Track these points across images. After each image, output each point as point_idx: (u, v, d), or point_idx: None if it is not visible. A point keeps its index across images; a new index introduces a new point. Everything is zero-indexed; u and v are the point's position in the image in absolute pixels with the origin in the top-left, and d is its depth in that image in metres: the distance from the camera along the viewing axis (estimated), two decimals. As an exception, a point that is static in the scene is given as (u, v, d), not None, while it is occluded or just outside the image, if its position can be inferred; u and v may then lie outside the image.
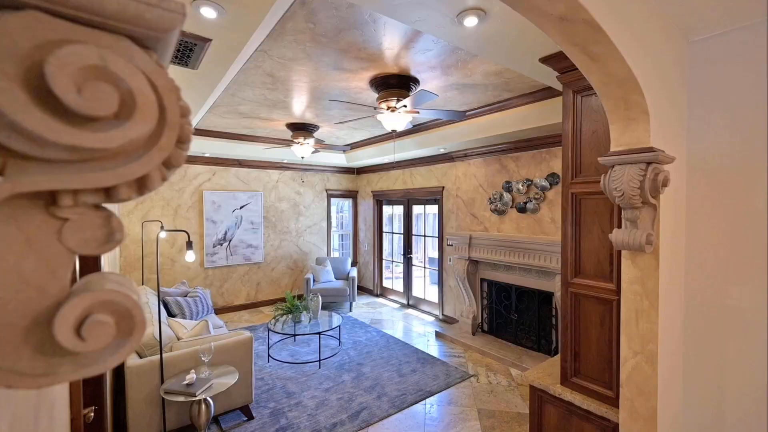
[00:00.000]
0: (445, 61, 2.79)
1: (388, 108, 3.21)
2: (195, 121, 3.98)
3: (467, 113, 4.22)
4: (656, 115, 1.50)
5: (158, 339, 2.60)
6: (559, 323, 4.10)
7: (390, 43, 2.49)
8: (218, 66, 2.16)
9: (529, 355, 4.24)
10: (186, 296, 4.31)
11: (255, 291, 6.51)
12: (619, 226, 1.80)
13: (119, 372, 2.76)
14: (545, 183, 4.24)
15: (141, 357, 2.70)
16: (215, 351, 2.82)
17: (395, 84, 3.09)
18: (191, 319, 4.05)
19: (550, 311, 4.26)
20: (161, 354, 2.55)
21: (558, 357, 2.46)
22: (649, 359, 1.60)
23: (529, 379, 2.16)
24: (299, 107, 4.04)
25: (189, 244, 2.63)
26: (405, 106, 3.09)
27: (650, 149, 1.46)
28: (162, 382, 2.56)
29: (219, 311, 6.10)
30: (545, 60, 2.04)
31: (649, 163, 1.48)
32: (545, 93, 3.45)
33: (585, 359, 1.97)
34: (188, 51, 1.92)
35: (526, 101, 3.63)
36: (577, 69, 1.96)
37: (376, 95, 3.29)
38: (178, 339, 2.99)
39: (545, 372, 2.24)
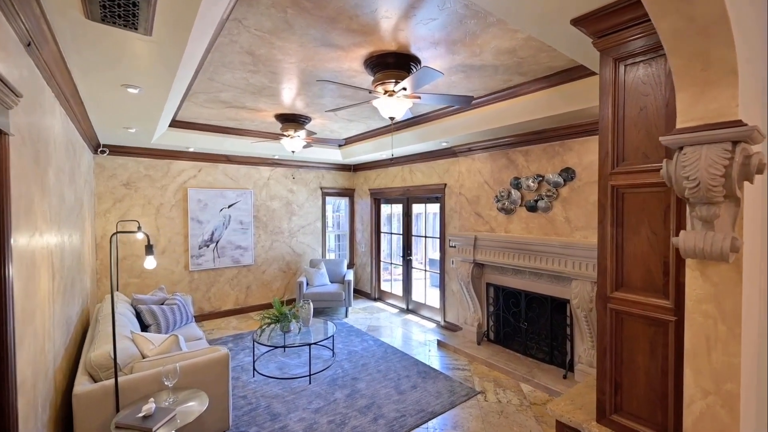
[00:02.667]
0: (450, 34, 2.40)
1: (386, 92, 2.82)
2: (172, 109, 3.58)
3: (474, 101, 3.83)
4: (744, 78, 1.12)
5: (114, 359, 2.20)
6: (574, 332, 3.72)
7: (387, 10, 2.10)
8: (177, 30, 1.77)
9: (540, 368, 3.85)
10: (163, 304, 3.91)
11: (244, 295, 6.11)
12: (679, 227, 1.41)
13: (67, 401, 2.36)
14: (558, 179, 3.86)
15: (95, 381, 2.30)
16: (184, 372, 2.43)
17: (393, 63, 2.70)
18: (167, 330, 3.65)
19: (564, 320, 3.87)
20: (116, 377, 2.15)
21: (587, 383, 2.07)
22: (726, 403, 1.21)
23: (556, 413, 1.78)
24: (287, 95, 3.64)
25: (149, 249, 2.23)
26: (405, 89, 2.70)
27: (738, 123, 1.08)
28: (118, 411, 2.17)
29: (205, 317, 5.70)
30: (578, 21, 1.65)
31: (735, 143, 1.09)
32: (562, 77, 3.06)
33: (629, 393, 1.58)
34: (132, 7, 1.53)
35: (539, 86, 3.25)
36: (619, 31, 1.57)
37: (372, 78, 2.90)
38: (143, 357, 2.59)
39: (574, 403, 1.85)
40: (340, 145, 6.12)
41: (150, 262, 2.27)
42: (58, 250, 2.35)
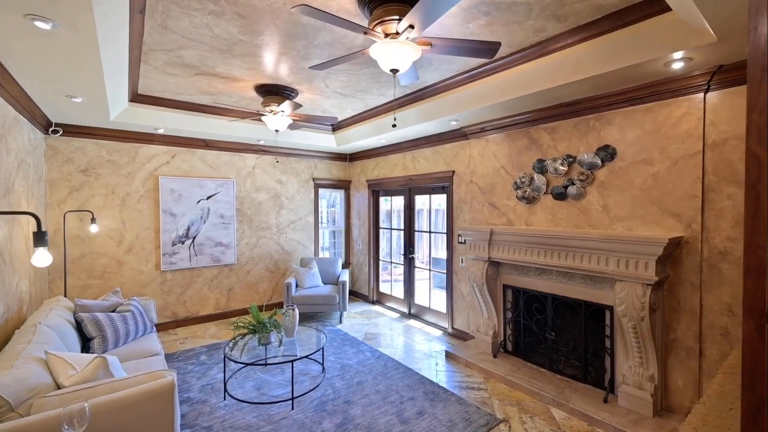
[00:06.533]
0: (477, -59, 1.73)
1: (387, 35, 2.15)
2: (119, 69, 2.91)
3: (488, 65, 3.17)
4: None
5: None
6: (616, 346, 3.05)
7: None
8: None
9: (573, 388, 3.19)
10: (114, 311, 3.23)
11: (226, 298, 5.42)
12: None
13: None
14: (595, 159, 3.19)
15: (-27, 426, 1.62)
16: (108, 411, 1.75)
17: (396, -7, 2.03)
18: (115, 344, 2.97)
19: (601, 330, 3.21)
20: (-7, 427, 1.47)
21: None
22: None
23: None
24: (266, 55, 2.97)
25: (39, 237, 1.54)
26: (411, 27, 2.02)
27: None
28: (-3, 474, 1.49)
29: (180, 323, 5.01)
30: None
31: None
32: (612, 21, 2.39)
33: (814, 482, 0.91)
34: None
35: (580, 37, 2.57)
36: None
37: (368, 20, 2.23)
38: (58, 387, 1.91)
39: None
40: (332, 125, 5.43)
41: (41, 258, 1.58)
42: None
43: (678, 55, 2.31)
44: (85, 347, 2.89)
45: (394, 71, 2.23)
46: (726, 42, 2.12)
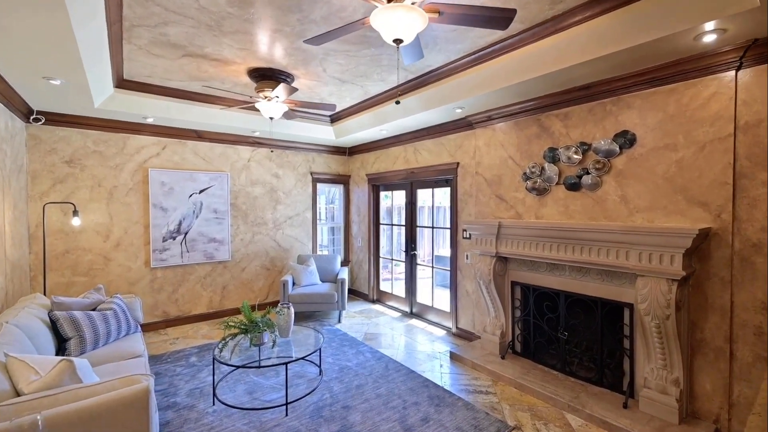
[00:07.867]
0: None
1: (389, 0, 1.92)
2: (99, 46, 2.69)
3: (497, 45, 2.94)
4: None
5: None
6: (636, 346, 2.83)
7: None
8: None
9: (589, 392, 2.96)
10: (95, 309, 3.00)
11: (220, 297, 5.19)
12: None
13: None
14: (612, 146, 2.97)
15: None
16: (69, 423, 1.52)
17: (401, -50, 1.81)
18: (95, 345, 2.74)
19: (619, 329, 2.98)
20: (-74, 444, 1.24)
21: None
22: None
23: None
24: (258, 33, 2.74)
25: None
26: (418, -12, 1.80)
27: None
28: (-68, 499, 1.26)
29: (171, 323, 4.78)
30: None
31: None
32: (638, -11, 2.17)
33: None
34: None
35: (601, 9, 2.35)
36: None
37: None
38: (18, 395, 1.69)
39: None
40: (331, 116, 5.20)
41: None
42: None
43: (710, 26, 2.09)
44: (61, 349, 2.66)
45: (398, 42, 2.01)
46: (768, 8, 1.90)
